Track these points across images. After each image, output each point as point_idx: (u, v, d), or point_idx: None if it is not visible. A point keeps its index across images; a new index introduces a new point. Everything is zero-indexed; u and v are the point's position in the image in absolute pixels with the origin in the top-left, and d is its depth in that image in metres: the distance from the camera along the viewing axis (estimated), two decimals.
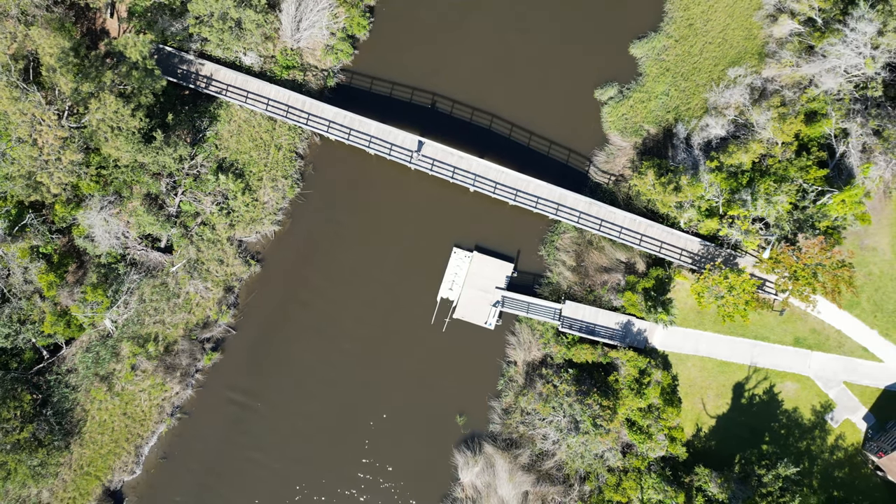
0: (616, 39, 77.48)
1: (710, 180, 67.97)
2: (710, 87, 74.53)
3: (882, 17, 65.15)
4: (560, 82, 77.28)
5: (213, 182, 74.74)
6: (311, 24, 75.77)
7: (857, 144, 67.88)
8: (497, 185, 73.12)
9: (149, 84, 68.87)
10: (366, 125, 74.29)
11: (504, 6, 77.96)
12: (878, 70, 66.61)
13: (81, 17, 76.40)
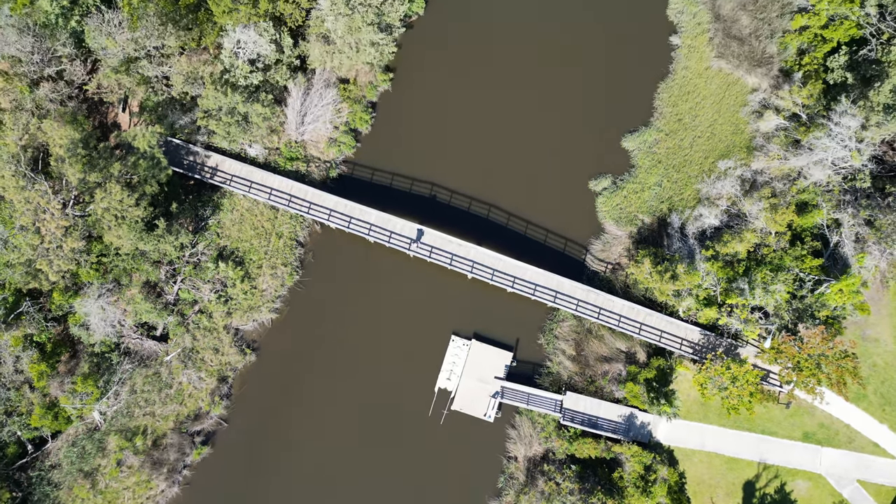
0: (608, 133, 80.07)
1: (707, 269, 68.32)
2: (702, 178, 76.40)
3: (864, 113, 67.64)
4: (555, 173, 79.20)
5: (212, 270, 75.10)
6: (315, 118, 78.68)
7: (850, 234, 68.71)
8: (495, 272, 73.42)
9: (155, 174, 70.64)
10: (366, 213, 75.58)
11: (500, 101, 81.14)
12: (865, 162, 68.45)
13: (94, 111, 79.49)
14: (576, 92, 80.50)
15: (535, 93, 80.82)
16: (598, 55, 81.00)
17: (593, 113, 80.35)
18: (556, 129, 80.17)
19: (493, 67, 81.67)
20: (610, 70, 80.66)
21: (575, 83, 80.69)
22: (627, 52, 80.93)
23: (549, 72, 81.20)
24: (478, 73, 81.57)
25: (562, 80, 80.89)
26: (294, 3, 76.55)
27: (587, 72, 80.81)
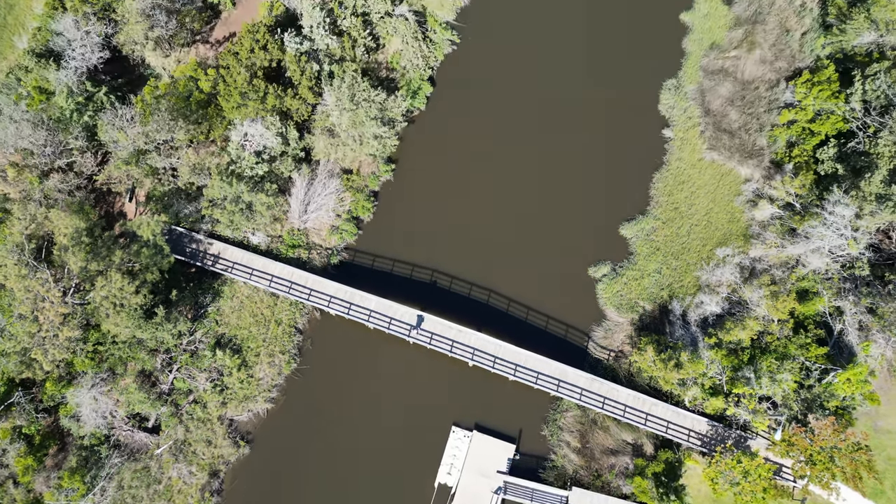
0: (607, 220, 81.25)
1: (711, 357, 67.45)
2: (701, 265, 76.88)
3: (857, 202, 68.93)
4: (555, 259, 79.68)
5: (209, 358, 74.06)
6: (318, 206, 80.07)
7: (853, 322, 68.33)
8: (496, 360, 72.37)
9: (157, 261, 71.07)
10: (366, 300, 75.42)
11: (499, 190, 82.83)
12: (862, 250, 69.11)
13: (101, 200, 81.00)
14: (574, 181, 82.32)
15: (534, 181, 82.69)
16: (594, 146, 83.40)
17: (591, 201, 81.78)
18: (555, 216, 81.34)
19: (493, 158, 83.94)
20: (607, 160, 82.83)
21: (572, 173, 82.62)
22: (623, 144, 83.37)
23: (546, 162, 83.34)
24: (478, 165, 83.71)
25: (559, 170, 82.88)
26: (301, 99, 79.66)
27: (585, 162, 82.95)
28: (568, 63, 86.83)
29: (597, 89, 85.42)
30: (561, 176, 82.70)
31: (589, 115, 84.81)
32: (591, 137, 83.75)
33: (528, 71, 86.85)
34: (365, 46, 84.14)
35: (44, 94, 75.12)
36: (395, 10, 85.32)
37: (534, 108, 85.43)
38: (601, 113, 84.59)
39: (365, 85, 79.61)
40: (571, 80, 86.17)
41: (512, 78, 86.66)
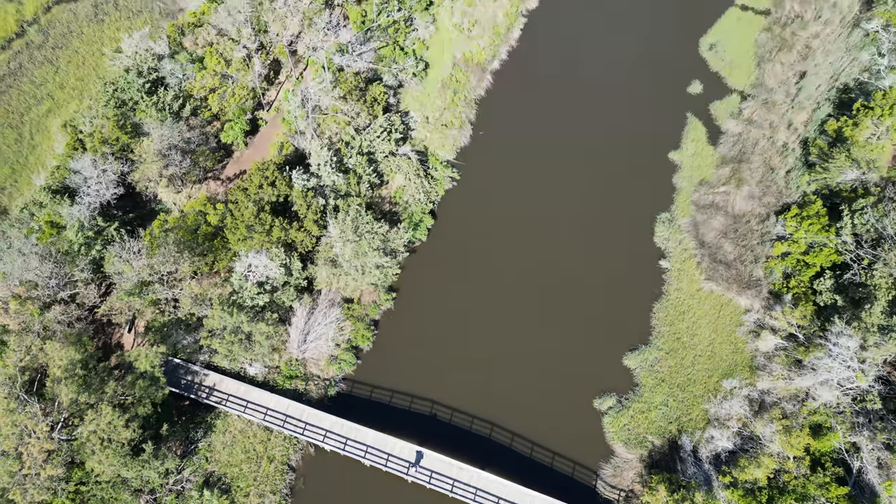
0: (609, 351, 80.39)
1: (727, 498, 63.83)
2: (708, 397, 74.94)
3: (861, 333, 68.45)
4: (558, 391, 77.76)
5: (196, 499, 69.97)
6: (317, 336, 79.49)
7: (871, 460, 65.38)
8: (500, 501, 68.35)
9: (151, 394, 69.27)
10: (363, 434, 72.64)
11: (500, 321, 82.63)
12: (872, 383, 67.66)
13: (100, 331, 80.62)
14: (575, 312, 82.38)
15: (535, 312, 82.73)
16: (593, 277, 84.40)
17: (593, 331, 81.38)
18: (557, 346, 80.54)
19: (493, 289, 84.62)
20: (606, 291, 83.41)
21: (573, 304, 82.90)
22: (621, 275, 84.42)
23: (546, 293, 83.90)
24: (478, 296, 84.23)
25: (560, 300, 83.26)
26: (305, 232, 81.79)
27: (584, 293, 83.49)
28: (564, 199, 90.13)
29: (593, 223, 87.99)
30: (562, 306, 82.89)
31: (586, 248, 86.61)
32: (589, 270, 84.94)
33: (526, 206, 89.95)
34: (369, 182, 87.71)
35: (55, 228, 77.22)
36: (399, 150, 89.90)
37: (533, 242, 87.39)
38: (598, 245, 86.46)
39: (368, 218, 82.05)
40: (568, 215, 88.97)
41: (510, 213, 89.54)
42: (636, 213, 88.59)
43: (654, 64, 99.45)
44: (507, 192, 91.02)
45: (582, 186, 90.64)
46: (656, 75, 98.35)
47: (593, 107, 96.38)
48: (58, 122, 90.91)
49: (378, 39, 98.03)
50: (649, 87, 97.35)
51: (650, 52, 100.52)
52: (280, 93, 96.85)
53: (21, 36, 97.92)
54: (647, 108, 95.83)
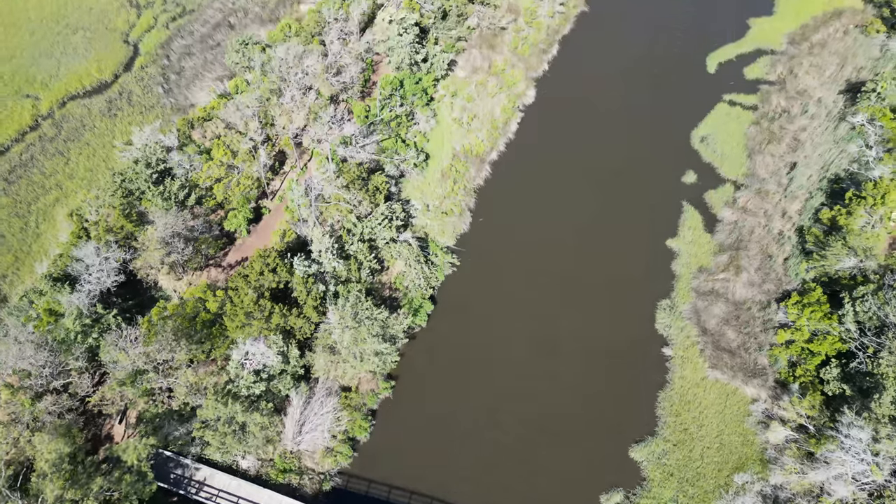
0: (615, 443, 77.94)
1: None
2: (719, 493, 71.93)
3: (872, 424, 66.64)
4: (563, 486, 74.72)
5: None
6: (314, 426, 77.24)
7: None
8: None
9: (138, 489, 66.44)
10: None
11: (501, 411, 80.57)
12: (888, 477, 65.16)
13: (91, 422, 78.41)
14: (577, 401, 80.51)
15: (537, 402, 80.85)
16: (595, 366, 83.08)
17: (597, 421, 79.19)
18: (561, 439, 78.11)
19: (494, 378, 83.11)
20: (609, 380, 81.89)
21: (575, 393, 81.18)
22: (624, 363, 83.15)
23: (548, 381, 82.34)
24: (478, 384, 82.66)
25: (561, 389, 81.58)
26: (305, 318, 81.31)
27: (586, 382, 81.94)
28: (563, 287, 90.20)
29: (593, 310, 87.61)
30: (564, 396, 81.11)
31: (587, 336, 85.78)
32: (592, 357, 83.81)
33: (526, 292, 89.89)
34: (370, 269, 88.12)
35: (53, 315, 76.81)
36: (400, 237, 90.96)
37: (533, 329, 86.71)
38: (600, 333, 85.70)
39: (368, 304, 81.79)
40: (567, 303, 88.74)
41: (509, 299, 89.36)
42: (636, 300, 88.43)
43: (648, 155, 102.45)
44: (506, 278, 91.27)
45: (581, 274, 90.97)
46: (651, 166, 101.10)
47: (589, 196, 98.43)
48: (64, 211, 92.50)
49: (381, 132, 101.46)
50: (644, 177, 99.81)
51: (643, 145, 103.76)
52: (284, 182, 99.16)
53: (35, 129, 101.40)
54: (643, 197, 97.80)
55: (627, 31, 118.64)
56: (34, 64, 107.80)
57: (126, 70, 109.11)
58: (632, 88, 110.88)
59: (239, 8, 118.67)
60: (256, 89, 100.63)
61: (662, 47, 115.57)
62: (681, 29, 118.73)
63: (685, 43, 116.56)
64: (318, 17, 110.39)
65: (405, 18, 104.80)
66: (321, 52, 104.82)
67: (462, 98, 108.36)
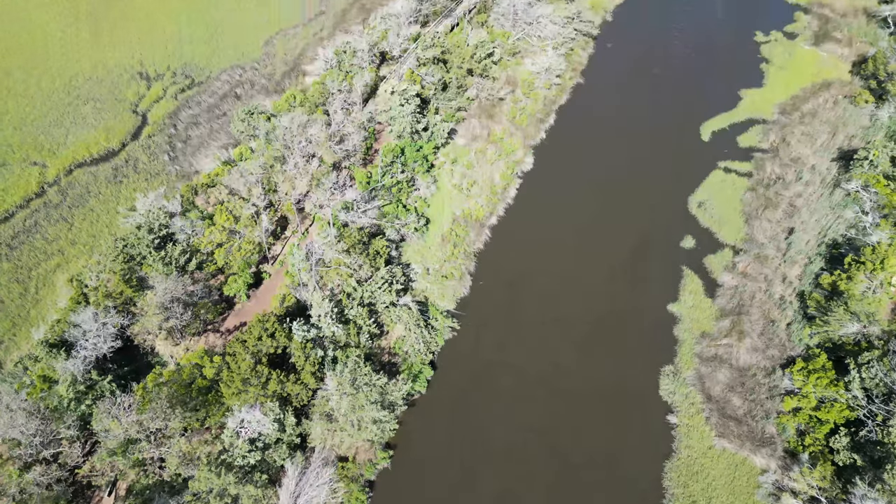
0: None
1: None
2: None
3: (886, 496, 64.46)
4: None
5: None
6: (308, 500, 74.46)
7: None
8: None
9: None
10: None
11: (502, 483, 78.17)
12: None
13: (79, 494, 75.74)
14: (582, 473, 78.09)
15: (541, 475, 78.42)
16: (599, 433, 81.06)
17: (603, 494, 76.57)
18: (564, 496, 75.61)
19: (495, 447, 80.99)
20: (614, 448, 79.74)
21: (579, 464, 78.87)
22: (629, 432, 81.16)
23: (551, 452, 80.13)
24: (480, 453, 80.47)
25: (565, 460, 79.31)
26: (302, 384, 80.00)
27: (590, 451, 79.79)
28: (564, 353, 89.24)
29: (595, 377, 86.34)
30: (568, 468, 78.77)
31: (589, 404, 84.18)
32: (594, 426, 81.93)
33: (526, 358, 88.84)
34: (369, 333, 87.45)
35: (47, 382, 75.64)
36: (400, 301, 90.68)
37: (535, 397, 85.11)
38: (602, 402, 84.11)
39: (367, 370, 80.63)
40: (569, 370, 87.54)
41: (510, 365, 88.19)
42: (639, 366, 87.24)
43: (646, 221, 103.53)
44: (506, 343, 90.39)
45: (582, 340, 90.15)
46: (649, 231, 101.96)
47: (589, 262, 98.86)
48: (65, 276, 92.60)
49: (382, 198, 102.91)
50: (643, 242, 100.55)
51: (641, 210, 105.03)
52: (285, 247, 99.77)
53: (41, 195, 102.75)
54: (642, 262, 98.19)
55: (622, 101, 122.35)
56: (44, 132, 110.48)
57: (134, 138, 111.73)
58: (628, 155, 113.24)
59: (246, 80, 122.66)
60: (261, 156, 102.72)
61: (657, 117, 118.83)
62: (674, 99, 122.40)
63: (679, 113, 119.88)
64: (322, 89, 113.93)
65: (407, 90, 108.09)
66: (325, 122, 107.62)
67: (462, 165, 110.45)
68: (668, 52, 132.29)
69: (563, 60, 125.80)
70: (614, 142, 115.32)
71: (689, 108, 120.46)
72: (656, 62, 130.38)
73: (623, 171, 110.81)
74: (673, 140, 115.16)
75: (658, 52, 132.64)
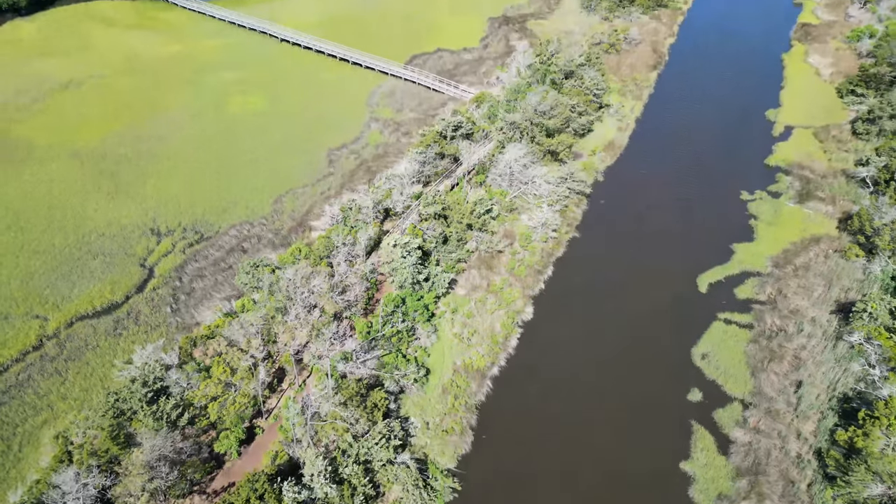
0: None
1: None
2: None
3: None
4: None
5: None
6: None
7: None
8: None
9: None
10: None
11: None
12: None
13: None
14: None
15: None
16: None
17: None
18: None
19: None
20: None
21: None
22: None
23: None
24: None
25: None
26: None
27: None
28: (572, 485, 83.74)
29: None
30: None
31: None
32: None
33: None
34: (364, 495, 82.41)
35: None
36: (398, 458, 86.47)
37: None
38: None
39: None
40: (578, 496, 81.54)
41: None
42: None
43: (650, 373, 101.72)
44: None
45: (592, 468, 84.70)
46: (655, 384, 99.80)
47: (594, 417, 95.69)
48: (51, 432, 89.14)
49: (382, 347, 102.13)
50: (649, 396, 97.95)
51: (644, 362, 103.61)
52: (281, 400, 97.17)
53: (38, 349, 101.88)
54: (650, 417, 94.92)
55: (617, 254, 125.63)
56: (50, 286, 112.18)
57: (138, 291, 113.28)
58: (628, 307, 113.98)
59: (253, 234, 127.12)
60: (262, 308, 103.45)
61: (652, 270, 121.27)
62: (668, 253, 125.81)
63: (674, 266, 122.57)
64: (327, 242, 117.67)
65: (409, 243, 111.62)
66: (328, 273, 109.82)
67: (462, 314, 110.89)
68: (660, 207, 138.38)
69: (559, 216, 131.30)
70: (613, 293, 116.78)
71: (684, 262, 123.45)
72: (649, 217, 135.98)
73: (623, 322, 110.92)
74: (670, 292, 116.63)
75: (650, 208, 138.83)
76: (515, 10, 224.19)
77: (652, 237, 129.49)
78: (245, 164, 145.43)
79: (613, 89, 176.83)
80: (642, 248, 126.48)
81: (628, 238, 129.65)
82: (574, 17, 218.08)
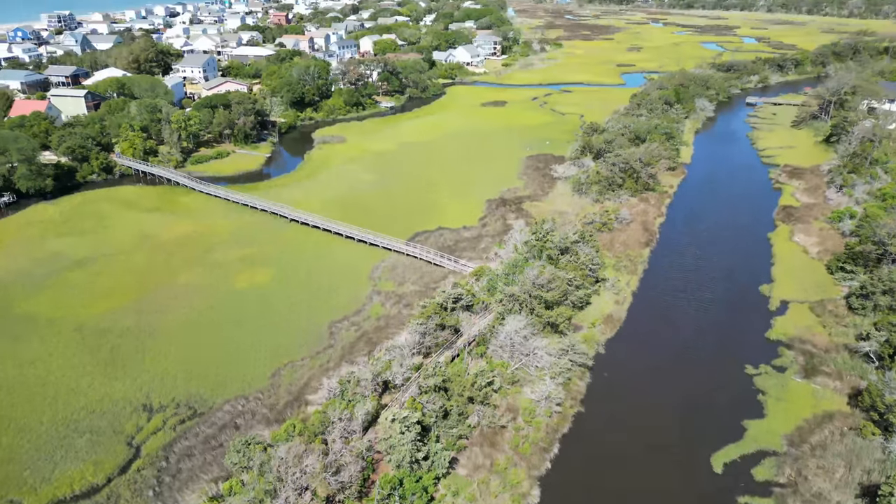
0: None
1: None
2: None
3: None
4: None
5: None
6: None
7: None
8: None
9: None
10: None
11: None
12: None
13: None
14: None
15: None
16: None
17: None
18: None
19: None
20: None
21: None
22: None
23: None
24: None
25: None
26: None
27: None
28: None
29: None
30: None
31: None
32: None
33: None
34: None
35: None
36: None
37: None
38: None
39: None
40: None
41: None
42: None
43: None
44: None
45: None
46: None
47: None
48: None
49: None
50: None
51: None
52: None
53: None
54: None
55: (625, 437, 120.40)
56: (29, 467, 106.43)
57: (122, 472, 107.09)
58: (641, 488, 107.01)
59: (248, 410, 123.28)
60: (251, 490, 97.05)
61: (664, 453, 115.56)
62: (677, 428, 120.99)
63: (686, 442, 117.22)
64: (323, 417, 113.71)
65: (408, 417, 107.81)
66: (322, 451, 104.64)
67: (464, 498, 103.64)
68: (664, 381, 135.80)
69: (562, 389, 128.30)
70: (624, 474, 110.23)
71: (697, 439, 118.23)
72: (654, 389, 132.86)
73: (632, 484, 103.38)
74: (684, 472, 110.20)
75: (654, 381, 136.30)
76: (511, 193, 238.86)
77: (660, 411, 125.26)
78: (246, 336, 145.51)
79: (608, 264, 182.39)
80: (652, 425, 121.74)
81: (637, 414, 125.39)
82: (567, 199, 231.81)
